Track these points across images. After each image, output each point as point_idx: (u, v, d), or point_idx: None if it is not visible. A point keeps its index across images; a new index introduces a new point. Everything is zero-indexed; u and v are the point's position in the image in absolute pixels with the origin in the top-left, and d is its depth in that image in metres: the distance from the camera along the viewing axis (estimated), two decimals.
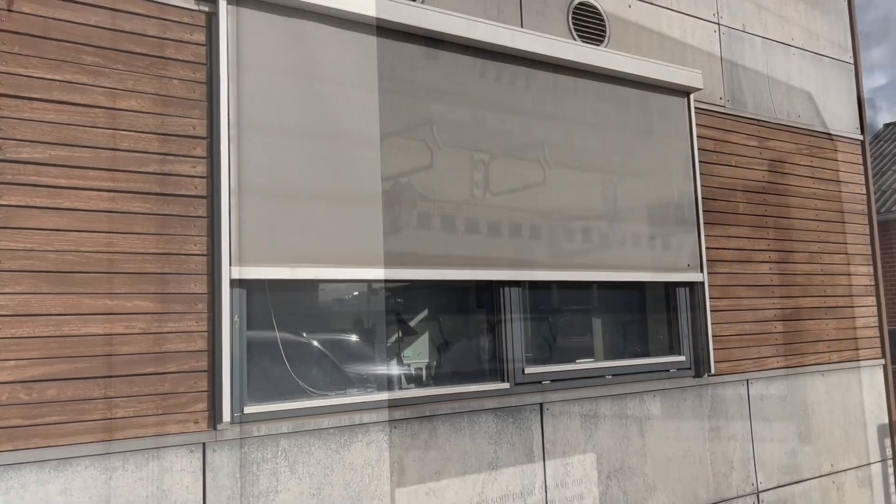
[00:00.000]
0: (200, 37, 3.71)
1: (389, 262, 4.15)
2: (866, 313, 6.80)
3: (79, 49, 3.38)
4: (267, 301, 3.94)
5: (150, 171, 3.50)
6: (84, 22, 3.40)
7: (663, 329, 5.56)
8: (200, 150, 3.64)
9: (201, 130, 3.66)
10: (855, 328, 6.69)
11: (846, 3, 7.20)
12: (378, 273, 4.13)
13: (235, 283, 3.65)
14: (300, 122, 3.94)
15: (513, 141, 4.74)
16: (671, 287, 5.52)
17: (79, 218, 3.29)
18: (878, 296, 6.88)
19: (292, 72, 3.96)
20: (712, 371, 5.52)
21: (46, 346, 3.17)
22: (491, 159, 4.61)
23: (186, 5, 3.69)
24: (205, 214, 3.62)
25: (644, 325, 5.65)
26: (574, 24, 5.18)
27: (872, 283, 6.90)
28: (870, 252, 6.92)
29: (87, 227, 3.31)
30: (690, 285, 5.56)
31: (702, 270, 5.55)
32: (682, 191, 5.54)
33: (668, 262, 5.41)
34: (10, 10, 3.23)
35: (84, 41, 3.39)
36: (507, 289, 4.64)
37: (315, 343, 4.31)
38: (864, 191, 6.98)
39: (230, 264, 3.62)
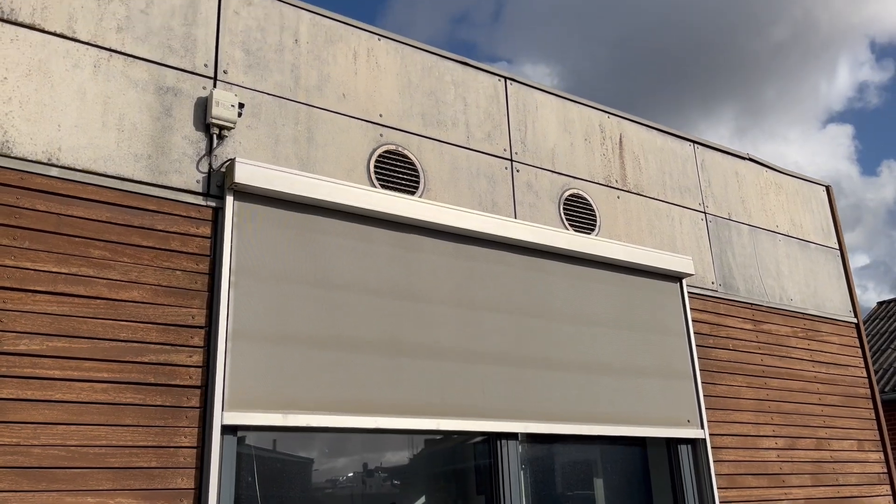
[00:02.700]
0: (206, 230, 3.86)
1: (385, 410, 4.09)
2: (882, 503, 6.50)
3: (88, 243, 3.50)
4: (255, 485, 3.78)
5: (147, 360, 3.49)
6: (95, 218, 3.55)
7: None
8: (198, 339, 3.67)
9: (200, 320, 3.70)
10: None
11: (825, 193, 7.56)
12: (373, 422, 4.03)
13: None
14: (298, 275, 4.00)
15: (509, 309, 4.78)
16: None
17: (69, 410, 3.24)
18: (892, 484, 6.61)
19: (291, 247, 4.07)
20: None
21: None
22: (490, 322, 4.63)
23: (195, 201, 3.87)
24: (197, 405, 3.57)
25: None
26: (565, 213, 5.41)
27: (885, 470, 6.66)
28: (878, 437, 6.74)
29: (76, 419, 3.25)
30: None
31: (702, 427, 5.43)
32: (680, 365, 5.50)
33: (669, 416, 5.31)
34: (25, 209, 3.38)
35: (94, 236, 3.52)
36: (507, 466, 4.50)
37: None
38: (865, 374, 6.93)
39: (222, 410, 3.57)
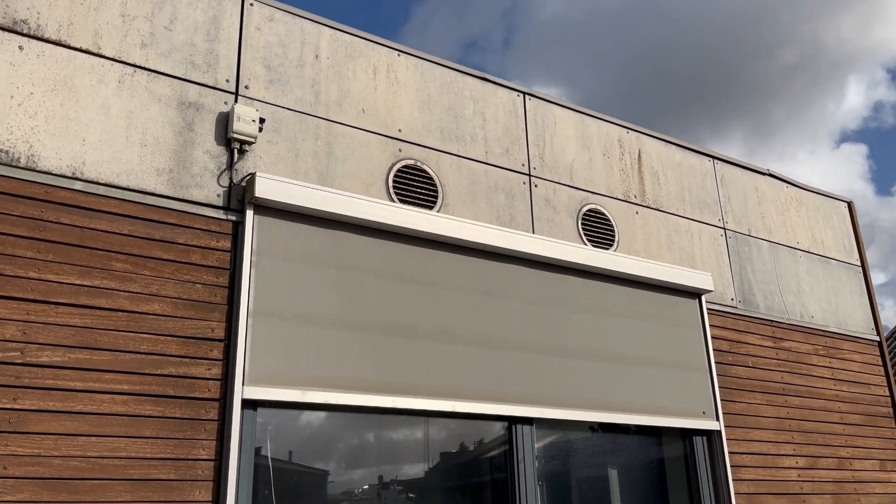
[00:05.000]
0: (226, 243, 3.90)
1: (402, 391, 4.16)
2: None
3: (110, 256, 3.54)
4: (272, 497, 3.79)
5: (166, 373, 3.52)
6: (118, 231, 3.60)
7: None
8: (217, 352, 3.69)
9: (220, 333, 3.72)
10: None
11: (847, 209, 7.49)
12: (390, 401, 4.10)
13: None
14: (318, 275, 4.02)
15: (527, 301, 4.77)
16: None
17: (89, 422, 3.27)
18: None
19: (311, 258, 4.10)
20: None
21: None
22: (507, 311, 4.63)
23: (216, 215, 3.91)
24: (216, 418, 3.59)
25: None
26: (583, 229, 5.39)
27: None
28: None
29: (97, 431, 3.28)
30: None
31: (718, 419, 5.46)
32: (696, 359, 5.46)
33: (684, 407, 5.35)
34: (49, 222, 3.43)
35: (116, 249, 3.57)
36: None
37: None
38: (888, 393, 6.83)
39: (243, 384, 3.66)
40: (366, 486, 4.38)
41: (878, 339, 7.03)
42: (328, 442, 4.25)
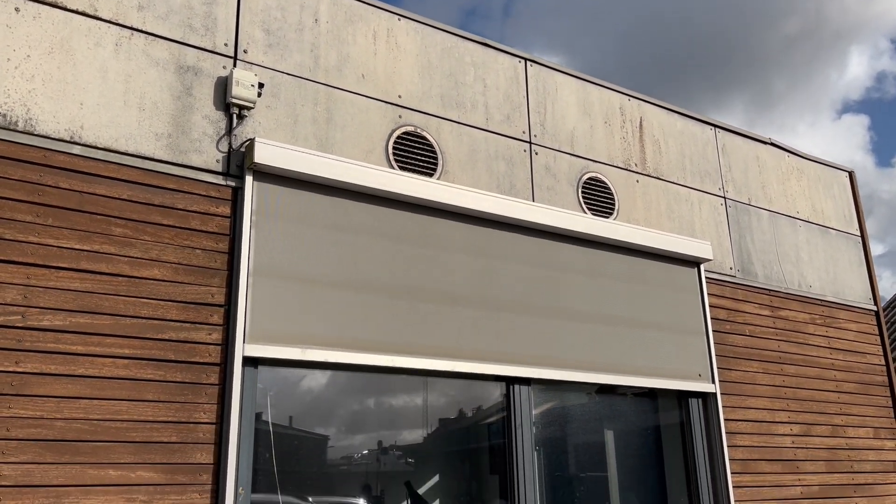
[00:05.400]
0: (226, 209, 3.89)
1: (401, 351, 4.20)
2: None
3: (109, 221, 3.54)
4: (272, 460, 3.84)
5: (167, 338, 3.54)
6: (117, 196, 3.59)
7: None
8: (217, 317, 3.71)
9: (220, 298, 3.74)
10: None
11: (847, 178, 7.47)
12: (389, 360, 4.14)
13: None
14: (318, 239, 4.04)
15: (525, 263, 4.79)
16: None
17: (91, 385, 3.30)
18: None
19: (310, 226, 4.11)
20: None
21: None
22: (505, 273, 4.65)
23: (215, 181, 3.89)
24: (216, 382, 3.62)
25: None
26: (584, 197, 5.38)
27: None
28: (894, 425, 6.70)
29: (99, 394, 3.31)
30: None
31: (713, 381, 5.52)
32: (693, 323, 5.50)
33: (680, 369, 5.39)
34: (48, 186, 3.42)
35: (116, 213, 3.56)
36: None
37: None
38: (883, 362, 6.88)
39: (244, 342, 3.70)
40: (365, 451, 4.43)
41: (874, 308, 7.07)
42: (328, 407, 4.29)
